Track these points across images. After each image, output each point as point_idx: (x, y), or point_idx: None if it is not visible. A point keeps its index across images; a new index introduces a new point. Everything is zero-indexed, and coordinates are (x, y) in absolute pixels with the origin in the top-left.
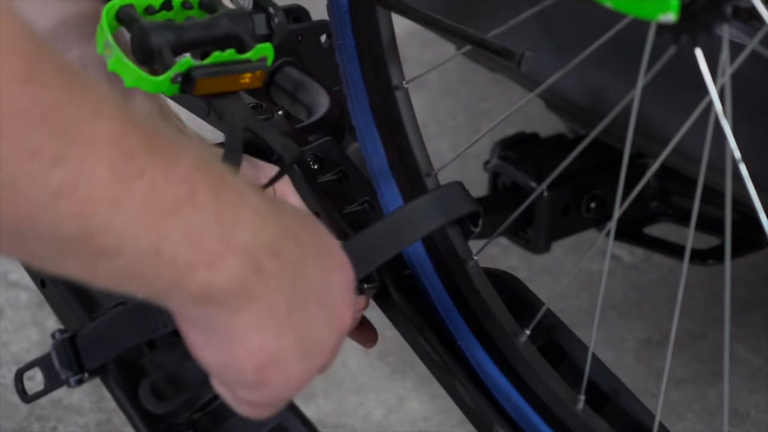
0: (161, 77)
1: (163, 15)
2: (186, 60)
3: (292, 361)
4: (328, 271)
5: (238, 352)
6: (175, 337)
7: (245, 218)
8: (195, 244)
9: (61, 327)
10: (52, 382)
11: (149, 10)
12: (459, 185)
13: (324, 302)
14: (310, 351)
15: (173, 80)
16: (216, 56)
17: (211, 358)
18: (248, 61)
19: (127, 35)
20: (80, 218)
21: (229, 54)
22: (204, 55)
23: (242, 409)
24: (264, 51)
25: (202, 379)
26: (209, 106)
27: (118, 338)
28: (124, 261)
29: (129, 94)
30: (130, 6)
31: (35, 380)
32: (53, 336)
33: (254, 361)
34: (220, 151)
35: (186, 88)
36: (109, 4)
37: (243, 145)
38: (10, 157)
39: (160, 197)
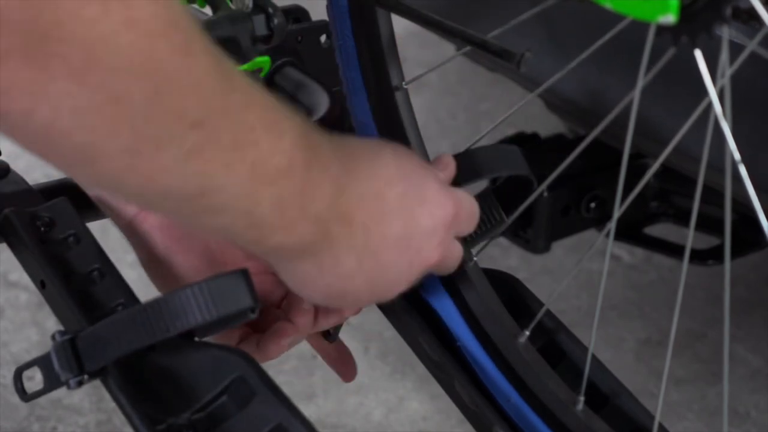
0: None
1: None
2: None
3: (361, 294)
4: (416, 219)
5: (306, 288)
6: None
7: (324, 191)
8: (280, 211)
9: (61, 328)
10: (52, 382)
11: None
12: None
13: (405, 249)
14: (382, 287)
15: None
16: None
17: (284, 278)
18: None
19: None
20: (201, 177)
21: None
22: None
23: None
24: (260, 64)
25: (202, 379)
26: None
27: (119, 341)
28: (222, 219)
29: None
30: None
31: (35, 380)
32: (53, 337)
33: (320, 295)
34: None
35: None
36: None
37: None
38: (161, 118)
39: (263, 167)
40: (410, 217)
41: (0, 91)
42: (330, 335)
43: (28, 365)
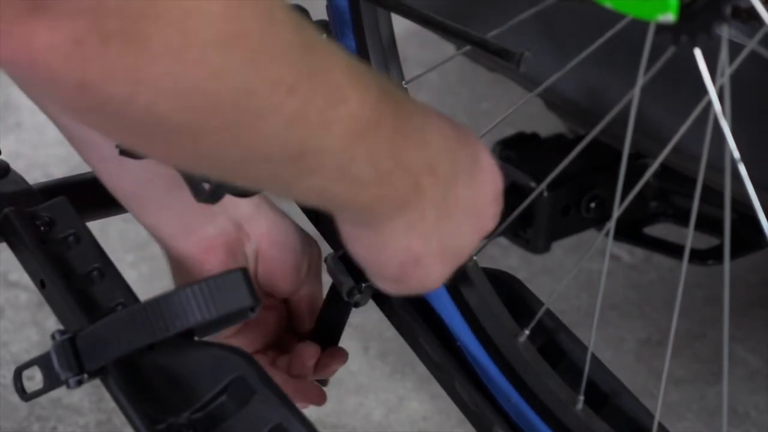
0: None
1: None
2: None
3: (433, 263)
4: (479, 186)
5: (386, 251)
6: (176, 338)
7: (412, 140)
8: (374, 164)
9: (61, 328)
10: (51, 382)
11: None
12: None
13: (472, 214)
14: (451, 255)
15: None
16: None
17: (361, 252)
18: None
19: None
20: (302, 141)
21: None
22: None
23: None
24: None
25: (201, 379)
26: None
27: (119, 341)
28: (321, 178)
29: None
30: None
31: (35, 380)
32: (53, 337)
33: (398, 260)
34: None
35: None
36: None
37: None
38: (259, 88)
39: (356, 122)
40: (475, 181)
41: (104, 77)
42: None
43: (28, 365)
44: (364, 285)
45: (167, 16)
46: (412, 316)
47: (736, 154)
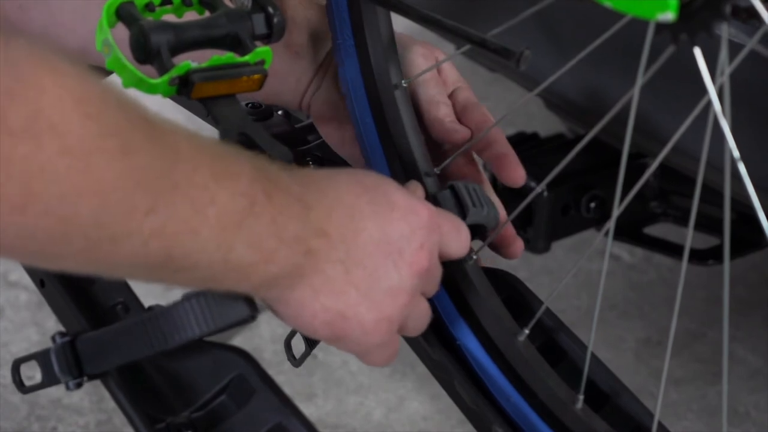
0: (159, 80)
1: (163, 11)
2: (185, 63)
3: (361, 312)
4: (388, 223)
5: (304, 316)
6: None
7: (293, 213)
8: (256, 247)
9: (62, 329)
10: (50, 380)
11: (149, 7)
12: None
13: (388, 252)
14: (379, 299)
15: (171, 82)
16: (215, 59)
17: (286, 320)
18: (246, 64)
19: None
20: (167, 249)
21: (228, 57)
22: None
23: (364, 360)
24: (262, 54)
25: (202, 378)
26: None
27: (118, 351)
28: (199, 272)
29: None
30: (130, 3)
31: (35, 380)
32: (53, 339)
33: (320, 320)
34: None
35: (183, 90)
36: (110, 1)
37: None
38: (112, 220)
39: (227, 216)
40: (384, 221)
41: None
42: (295, 360)
43: (27, 358)
44: None
45: (10, 181)
46: None
47: (736, 154)
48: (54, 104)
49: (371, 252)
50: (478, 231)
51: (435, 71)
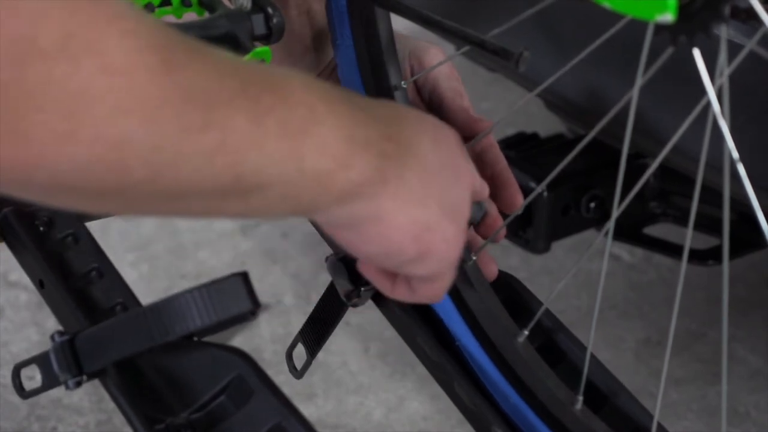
0: None
1: (162, 12)
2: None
3: (443, 222)
4: (437, 139)
5: (393, 234)
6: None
7: (358, 118)
8: (328, 153)
9: (61, 328)
10: (50, 381)
11: (148, 8)
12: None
13: (446, 165)
14: (454, 209)
15: None
16: None
17: (371, 250)
18: None
19: None
20: (233, 167)
21: None
22: None
23: (425, 294)
24: (261, 55)
25: (201, 379)
26: None
27: (118, 344)
28: (274, 190)
29: None
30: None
31: (35, 380)
32: (52, 338)
33: (410, 235)
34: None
35: None
36: None
37: None
38: (168, 140)
39: (289, 125)
40: (433, 137)
41: None
42: (297, 371)
43: (27, 363)
44: (363, 289)
45: (51, 106)
46: (410, 316)
47: (735, 154)
48: (87, 22)
49: (434, 163)
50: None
51: (450, 66)
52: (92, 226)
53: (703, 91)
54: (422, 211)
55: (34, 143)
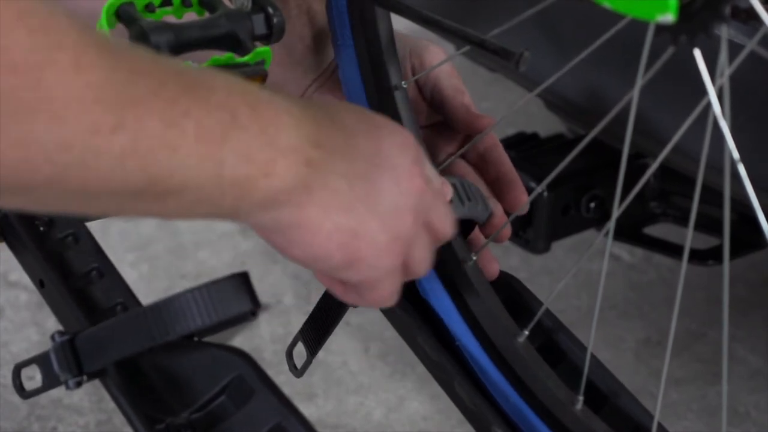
0: None
1: (163, 12)
2: (185, 64)
3: (372, 228)
4: (379, 139)
5: (317, 239)
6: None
7: (283, 123)
8: (249, 159)
9: (61, 328)
10: (51, 381)
11: (149, 8)
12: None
13: (384, 167)
14: (387, 215)
15: None
16: (214, 60)
17: (297, 254)
18: (246, 65)
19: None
20: (145, 169)
21: (228, 58)
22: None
23: (371, 299)
24: (262, 54)
25: (201, 379)
26: None
27: (119, 344)
28: (190, 193)
29: None
30: (130, 4)
31: (35, 380)
32: (53, 338)
33: (335, 242)
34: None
35: None
36: (109, 1)
37: None
38: (75, 139)
39: (208, 129)
40: (373, 137)
41: None
42: (297, 370)
43: (27, 363)
44: None
45: None
46: (411, 316)
47: (736, 155)
48: None
49: (369, 166)
50: (470, 226)
51: (450, 64)
52: (92, 226)
53: (703, 92)
54: (349, 217)
55: None
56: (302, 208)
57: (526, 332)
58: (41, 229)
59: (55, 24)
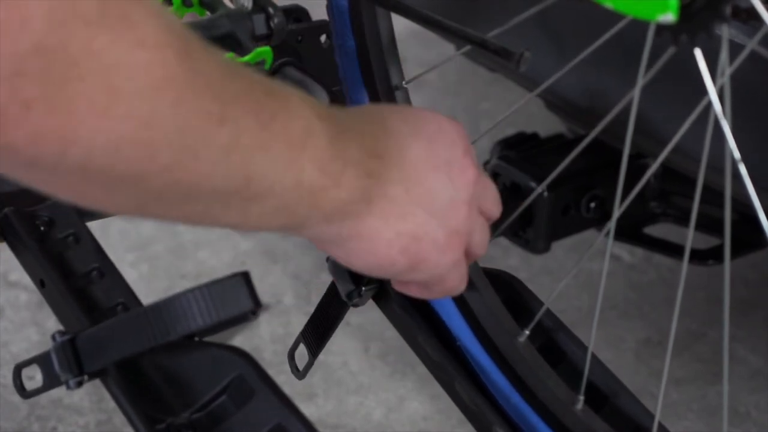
0: None
1: None
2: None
3: (431, 230)
4: (429, 139)
5: (378, 249)
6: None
7: (347, 136)
8: (323, 168)
9: (61, 328)
10: (51, 381)
11: None
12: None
13: (436, 167)
14: (443, 212)
15: None
16: None
17: (362, 265)
18: (247, 64)
19: None
20: (244, 167)
21: (228, 58)
22: None
23: (441, 292)
24: (262, 54)
25: (201, 378)
26: None
27: (119, 344)
28: (274, 199)
29: None
30: None
31: (35, 380)
32: (53, 338)
33: (396, 249)
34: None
35: None
36: None
37: None
38: (190, 124)
39: (291, 134)
40: (424, 137)
41: (30, 141)
42: (299, 371)
43: (28, 362)
44: (364, 289)
45: (91, 76)
46: (411, 316)
47: (737, 154)
48: None
49: (423, 169)
50: None
51: None
52: (93, 226)
53: (704, 91)
54: (408, 223)
55: (74, 114)
56: (362, 219)
57: (527, 332)
58: (42, 228)
59: (165, 12)
